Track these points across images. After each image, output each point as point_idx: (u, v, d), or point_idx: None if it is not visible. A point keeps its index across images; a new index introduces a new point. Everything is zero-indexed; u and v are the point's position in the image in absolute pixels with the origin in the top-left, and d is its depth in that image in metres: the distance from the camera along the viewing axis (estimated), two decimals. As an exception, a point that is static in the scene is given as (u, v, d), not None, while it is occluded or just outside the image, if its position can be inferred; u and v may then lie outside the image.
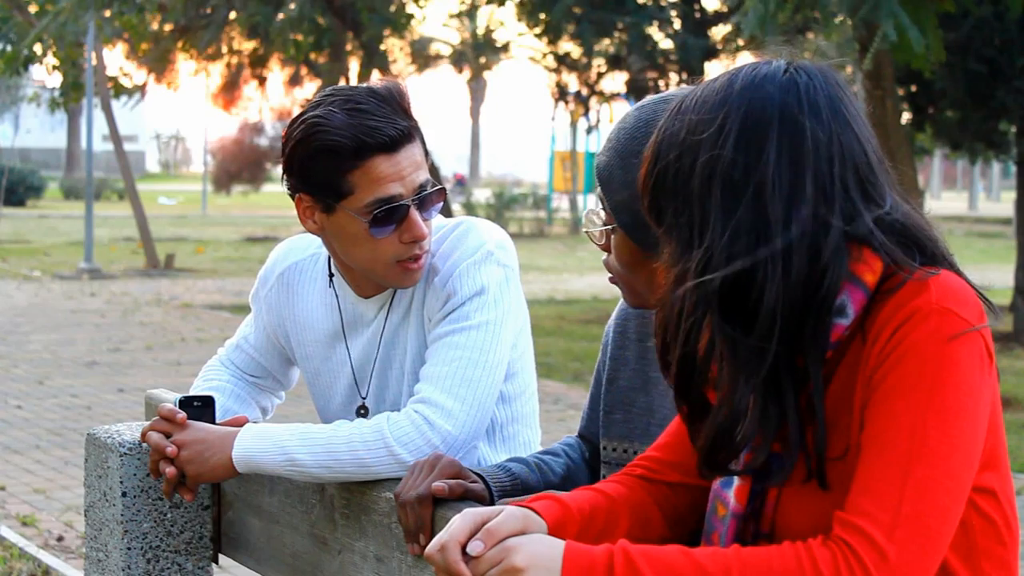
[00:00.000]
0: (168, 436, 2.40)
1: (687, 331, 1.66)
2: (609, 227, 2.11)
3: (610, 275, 2.17)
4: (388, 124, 2.32)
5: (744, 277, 1.62)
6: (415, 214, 2.36)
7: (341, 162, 2.32)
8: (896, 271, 1.65)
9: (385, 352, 2.51)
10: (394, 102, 2.35)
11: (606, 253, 2.16)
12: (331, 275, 2.56)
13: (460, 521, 1.68)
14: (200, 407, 2.47)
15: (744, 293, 1.63)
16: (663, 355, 1.74)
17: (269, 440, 2.31)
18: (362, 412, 2.55)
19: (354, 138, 2.31)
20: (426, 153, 2.41)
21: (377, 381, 2.54)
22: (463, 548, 1.65)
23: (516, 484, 2.25)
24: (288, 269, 2.64)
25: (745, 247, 1.62)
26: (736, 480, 1.74)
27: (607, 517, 1.82)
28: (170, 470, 2.40)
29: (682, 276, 1.66)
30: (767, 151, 1.64)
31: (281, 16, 16.08)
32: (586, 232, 2.21)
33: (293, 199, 2.44)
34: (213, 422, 2.47)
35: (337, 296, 2.55)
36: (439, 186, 2.41)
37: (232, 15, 16.92)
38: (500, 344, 2.36)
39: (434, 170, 2.46)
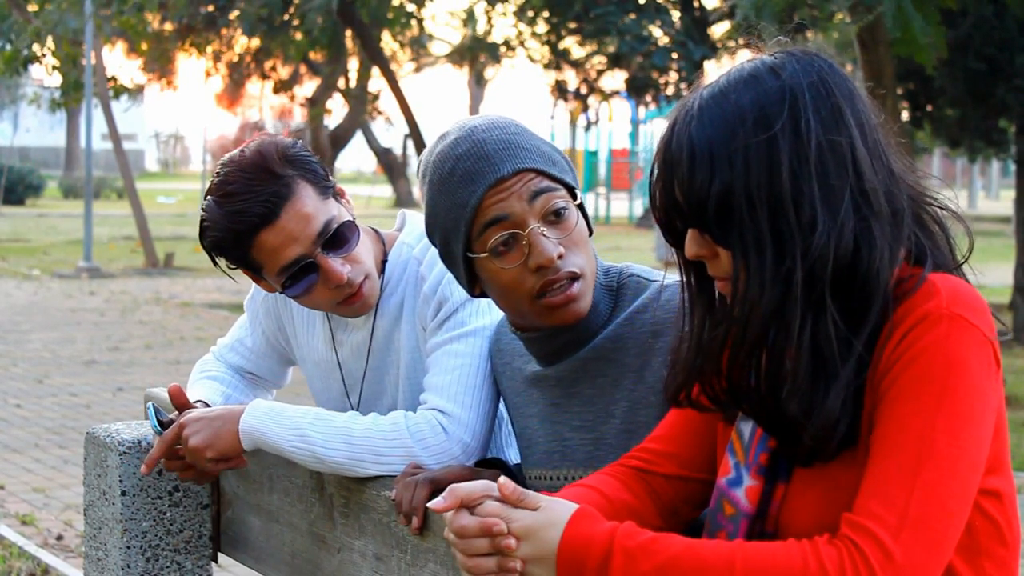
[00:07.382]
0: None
1: (797, 332, 1.60)
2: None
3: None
4: (254, 202, 2.32)
5: (850, 265, 1.61)
6: (327, 261, 2.37)
7: (233, 251, 2.39)
8: (908, 275, 1.65)
9: (377, 359, 2.52)
10: (261, 169, 2.34)
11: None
12: None
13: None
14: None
15: (848, 283, 1.61)
16: (733, 374, 1.70)
17: (280, 415, 2.31)
18: None
19: (228, 230, 2.35)
20: (325, 188, 2.39)
21: (370, 388, 2.55)
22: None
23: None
24: None
25: (855, 227, 1.61)
26: (747, 480, 1.73)
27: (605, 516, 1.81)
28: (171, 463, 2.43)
29: (788, 275, 1.61)
30: (849, 126, 1.64)
31: (292, 10, 16.03)
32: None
33: None
34: None
35: None
36: (344, 220, 2.39)
37: (235, 13, 16.89)
38: None
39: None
